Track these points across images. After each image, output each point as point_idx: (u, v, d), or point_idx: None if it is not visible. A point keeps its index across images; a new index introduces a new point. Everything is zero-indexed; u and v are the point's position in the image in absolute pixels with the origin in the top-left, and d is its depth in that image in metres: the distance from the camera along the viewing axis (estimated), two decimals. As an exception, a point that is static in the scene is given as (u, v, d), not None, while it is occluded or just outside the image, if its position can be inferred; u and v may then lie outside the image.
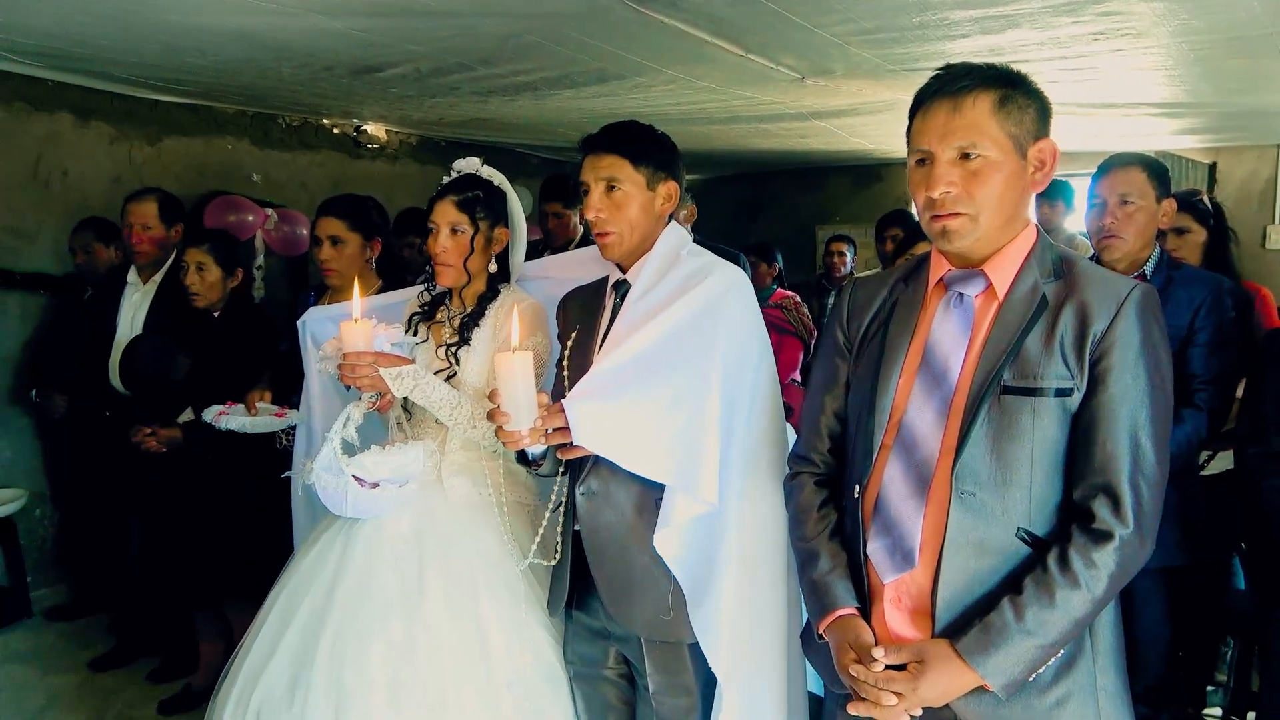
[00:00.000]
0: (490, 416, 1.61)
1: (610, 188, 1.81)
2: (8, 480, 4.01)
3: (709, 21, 2.89)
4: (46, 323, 4.01)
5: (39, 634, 3.79)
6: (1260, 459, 1.98)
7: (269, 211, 4.64)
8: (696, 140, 5.32)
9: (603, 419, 1.64)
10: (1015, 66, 1.46)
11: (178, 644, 3.34)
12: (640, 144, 1.83)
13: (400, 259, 3.31)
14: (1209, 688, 3.14)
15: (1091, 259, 2.45)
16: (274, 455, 2.78)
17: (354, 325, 1.95)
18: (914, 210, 1.58)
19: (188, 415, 2.91)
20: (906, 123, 1.48)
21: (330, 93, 4.07)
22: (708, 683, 1.75)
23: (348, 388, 2.06)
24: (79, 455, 3.72)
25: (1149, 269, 2.34)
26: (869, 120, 4.62)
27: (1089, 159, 5.50)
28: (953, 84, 1.40)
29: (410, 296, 2.32)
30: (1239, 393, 2.25)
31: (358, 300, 2.00)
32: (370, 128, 5.34)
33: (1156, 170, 2.36)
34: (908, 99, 1.50)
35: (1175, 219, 2.70)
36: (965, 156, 1.38)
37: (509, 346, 1.66)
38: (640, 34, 3.03)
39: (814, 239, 6.71)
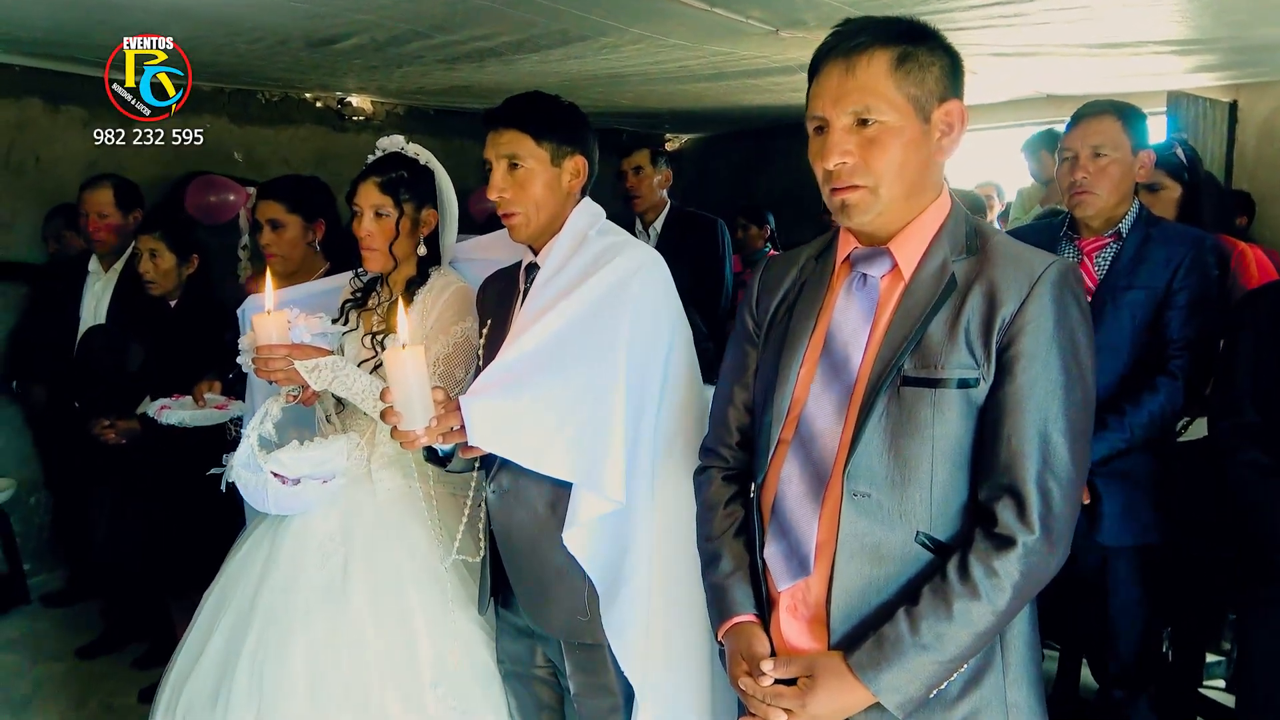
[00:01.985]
0: (383, 417, 1.53)
1: (512, 165, 1.70)
2: (0, 469, 4.04)
3: (661, -24, 2.74)
4: (27, 312, 4.00)
5: (34, 620, 3.83)
6: (1232, 431, 1.83)
7: (250, 190, 4.57)
8: (688, 99, 5.15)
9: (500, 416, 1.55)
10: (987, 9, 1.30)
11: (162, 631, 3.35)
12: (542, 117, 1.71)
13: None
14: (1216, 658, 3.02)
15: (1065, 217, 2.30)
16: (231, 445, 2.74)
17: (266, 317, 1.87)
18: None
19: (146, 406, 2.87)
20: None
21: (297, 66, 3.98)
22: (630, 683, 1.68)
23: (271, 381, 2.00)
24: (63, 444, 3.72)
25: (1125, 226, 2.17)
26: (862, 71, 4.41)
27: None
28: (847, 42, 1.26)
29: (345, 282, 2.24)
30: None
31: (270, 292, 1.91)
32: (355, 100, 5.23)
33: (1132, 118, 2.18)
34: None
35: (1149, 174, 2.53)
36: (862, 123, 1.25)
37: (417, 338, 1.57)
38: (594, -9, 2.89)
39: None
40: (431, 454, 1.72)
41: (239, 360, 2.11)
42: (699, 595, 1.66)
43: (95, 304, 3.27)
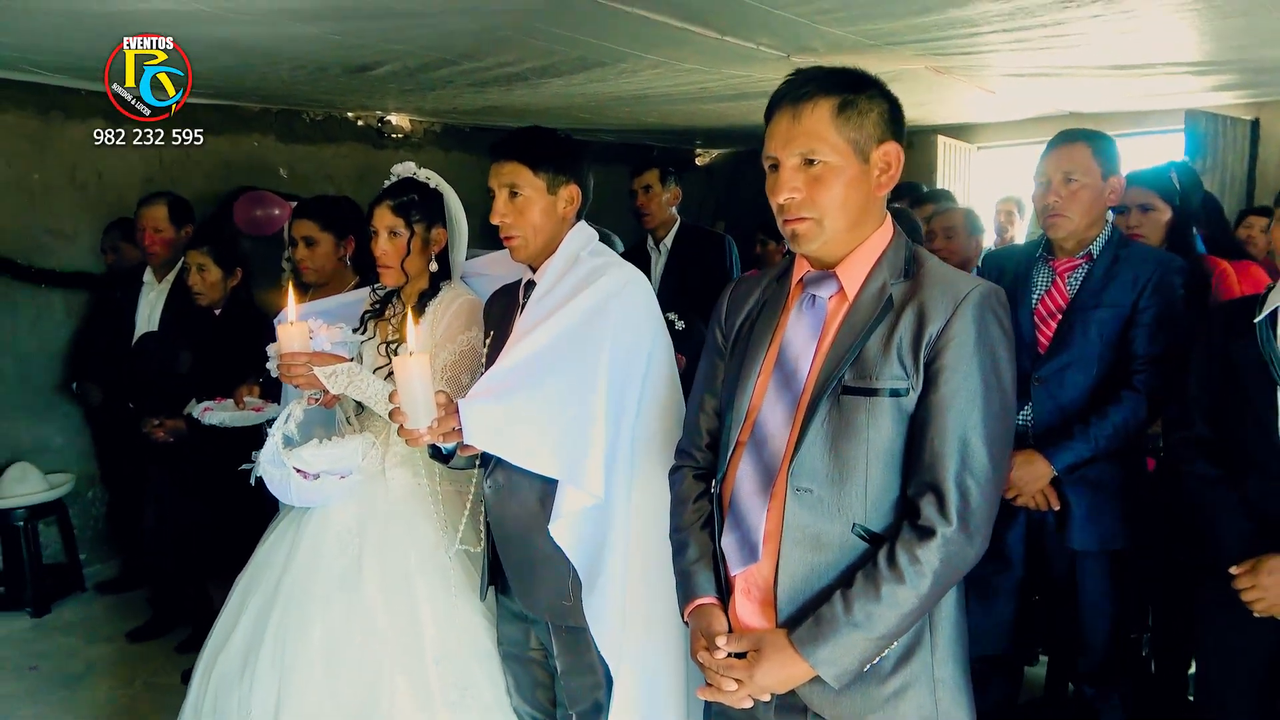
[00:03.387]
0: (391, 416, 1.71)
1: (513, 194, 1.88)
2: (60, 464, 4.33)
3: (669, 8, 2.90)
4: (87, 318, 4.29)
5: (89, 606, 4.11)
6: (1183, 445, 1.93)
7: (295, 205, 4.83)
8: (711, 117, 5.31)
9: (493, 417, 1.72)
10: (988, 36, 1.42)
11: (204, 617, 3.58)
12: (539, 150, 1.89)
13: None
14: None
15: (1040, 239, 2.42)
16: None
17: (289, 327, 2.05)
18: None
19: (192, 407, 3.11)
20: (926, 91, 1.49)
21: (337, 89, 4.22)
22: (608, 663, 1.83)
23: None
24: (117, 442, 4.00)
25: (1096, 248, 2.29)
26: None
27: (1117, 120, 5.28)
28: (794, 91, 1.43)
29: (365, 295, 2.44)
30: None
31: (292, 305, 2.10)
32: (394, 118, 5.49)
33: (1102, 145, 2.30)
34: (913, 68, 1.49)
35: (1140, 195, 2.63)
36: (809, 163, 1.41)
37: (424, 347, 1.75)
38: (608, 23, 3.06)
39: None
40: (436, 452, 1.90)
41: (268, 366, 2.33)
42: (672, 584, 1.83)
43: (149, 312, 3.53)
